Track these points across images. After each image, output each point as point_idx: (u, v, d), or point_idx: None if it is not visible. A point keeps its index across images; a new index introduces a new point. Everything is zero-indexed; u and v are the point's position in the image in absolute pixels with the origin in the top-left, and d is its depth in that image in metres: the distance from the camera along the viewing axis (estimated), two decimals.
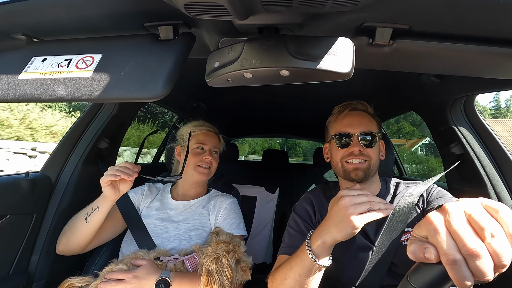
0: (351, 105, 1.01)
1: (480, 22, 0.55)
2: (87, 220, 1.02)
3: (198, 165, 1.23)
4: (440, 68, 0.79)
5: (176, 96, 1.73)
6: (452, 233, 0.37)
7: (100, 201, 1.02)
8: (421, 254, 0.39)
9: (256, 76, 0.55)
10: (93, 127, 1.35)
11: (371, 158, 0.95)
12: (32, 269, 1.16)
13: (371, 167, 0.95)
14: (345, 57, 0.51)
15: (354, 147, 0.94)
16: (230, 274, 0.92)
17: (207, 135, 1.29)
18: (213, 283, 0.90)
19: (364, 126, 0.96)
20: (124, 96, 0.56)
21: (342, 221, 0.67)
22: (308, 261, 0.72)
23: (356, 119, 0.98)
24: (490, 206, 0.38)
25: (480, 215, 0.37)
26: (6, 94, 0.60)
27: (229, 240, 1.00)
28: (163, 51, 0.61)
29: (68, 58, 0.62)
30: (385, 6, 0.53)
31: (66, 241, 1.07)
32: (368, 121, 0.98)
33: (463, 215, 0.38)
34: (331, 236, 0.70)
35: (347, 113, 1.00)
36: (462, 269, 0.35)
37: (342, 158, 0.97)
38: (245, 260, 1.00)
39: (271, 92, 1.73)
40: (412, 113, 1.63)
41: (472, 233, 0.36)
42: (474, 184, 1.17)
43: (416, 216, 0.91)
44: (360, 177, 0.94)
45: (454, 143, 1.26)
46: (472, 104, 1.21)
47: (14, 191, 1.09)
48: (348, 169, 0.95)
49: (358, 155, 0.94)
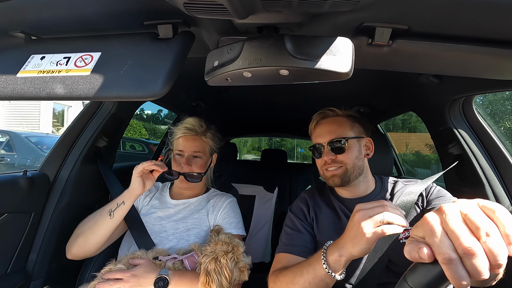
0: (321, 114, 1.04)
1: (479, 22, 0.55)
2: (111, 215, 1.03)
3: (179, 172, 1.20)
4: (439, 68, 0.80)
5: (175, 95, 1.73)
6: (448, 233, 0.38)
7: (126, 195, 1.05)
8: (416, 254, 0.39)
9: (256, 75, 0.55)
10: (91, 125, 1.34)
11: (345, 163, 0.95)
12: (30, 268, 1.16)
13: (348, 171, 0.95)
14: (344, 57, 0.51)
15: (325, 156, 0.97)
16: (229, 274, 0.92)
17: (186, 140, 1.22)
18: (212, 283, 0.90)
19: (331, 134, 0.97)
20: (123, 94, 0.56)
21: (356, 235, 0.66)
22: (322, 272, 0.71)
23: (325, 128, 1.00)
24: (486, 207, 0.38)
25: (476, 215, 0.37)
26: (4, 92, 0.60)
27: (229, 240, 1.00)
28: (162, 50, 0.61)
29: (67, 56, 0.62)
30: (385, 6, 0.53)
31: (83, 242, 1.05)
32: (337, 127, 0.98)
33: (459, 215, 0.38)
34: (348, 250, 0.68)
35: (318, 123, 1.04)
36: (458, 268, 0.36)
37: (321, 167, 1.00)
38: (244, 261, 1.00)
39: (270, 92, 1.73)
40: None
41: (467, 232, 0.36)
42: (472, 184, 1.17)
43: (416, 216, 0.91)
44: (336, 183, 0.96)
45: (452, 143, 1.26)
46: (471, 104, 1.21)
47: (12, 189, 1.09)
48: (327, 177, 0.99)
49: (331, 163, 0.96)
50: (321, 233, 0.98)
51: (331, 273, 0.70)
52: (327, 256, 0.72)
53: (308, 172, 2.88)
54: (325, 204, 1.04)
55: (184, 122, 1.26)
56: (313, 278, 0.73)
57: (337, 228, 0.96)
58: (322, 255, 0.73)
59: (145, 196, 1.27)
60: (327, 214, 1.01)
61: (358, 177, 0.98)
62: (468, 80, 1.03)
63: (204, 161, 1.24)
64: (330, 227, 0.98)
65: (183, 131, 1.23)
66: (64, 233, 1.25)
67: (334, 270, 0.70)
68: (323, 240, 0.96)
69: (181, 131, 1.23)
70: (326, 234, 0.97)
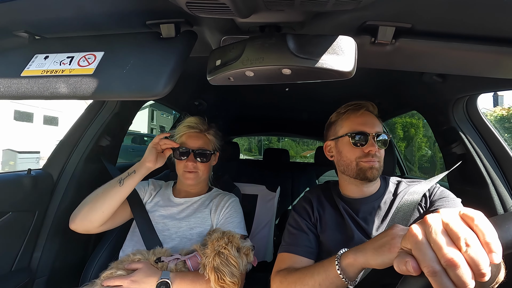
0: (360, 105, 1.00)
1: (483, 21, 0.55)
2: (121, 183, 1.05)
3: (184, 171, 1.20)
4: (443, 67, 0.79)
5: (178, 94, 1.73)
6: (432, 244, 0.38)
7: (137, 166, 1.08)
8: (404, 267, 0.40)
9: (258, 74, 0.55)
10: (95, 124, 1.35)
11: (381, 159, 0.95)
12: (34, 266, 1.17)
13: (381, 168, 0.95)
14: (347, 56, 0.51)
15: (371, 147, 0.93)
16: (236, 262, 0.93)
17: (190, 137, 1.21)
18: (224, 276, 0.89)
19: (377, 127, 0.96)
20: (125, 93, 0.56)
21: (384, 245, 0.63)
22: (334, 274, 0.70)
23: (369, 119, 0.98)
24: (466, 215, 0.38)
25: (456, 224, 0.38)
26: (8, 91, 0.60)
27: (222, 234, 1.01)
28: (165, 49, 0.61)
29: (70, 56, 0.62)
30: (388, 4, 0.53)
31: (89, 209, 1.05)
32: (379, 123, 0.99)
33: (442, 226, 0.39)
34: (365, 257, 0.66)
35: (363, 112, 0.99)
36: (443, 280, 0.36)
37: (358, 158, 0.95)
38: (245, 245, 1.01)
39: (272, 91, 1.73)
40: None
41: (449, 243, 0.37)
42: (476, 184, 1.17)
43: (419, 216, 0.91)
44: (375, 176, 0.93)
45: (456, 142, 1.25)
46: (475, 103, 1.20)
47: (16, 188, 1.10)
48: (364, 168, 0.93)
49: (373, 156, 0.93)
50: (324, 233, 0.97)
51: (342, 275, 0.68)
52: (341, 258, 0.71)
53: (310, 172, 2.87)
54: (329, 204, 1.03)
55: (186, 121, 1.25)
56: (324, 280, 0.72)
57: (340, 228, 0.96)
58: (336, 257, 0.72)
59: (149, 194, 1.27)
60: (331, 214, 1.01)
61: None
62: (472, 79, 1.02)
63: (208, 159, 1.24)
64: (334, 227, 0.97)
65: (186, 129, 1.22)
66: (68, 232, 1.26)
67: (346, 274, 0.69)
68: (326, 240, 0.96)
69: (184, 129, 1.23)
70: (329, 234, 0.96)
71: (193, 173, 1.19)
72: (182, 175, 1.21)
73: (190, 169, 1.18)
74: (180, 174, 1.22)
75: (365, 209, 0.97)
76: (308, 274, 0.76)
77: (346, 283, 0.69)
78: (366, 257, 0.66)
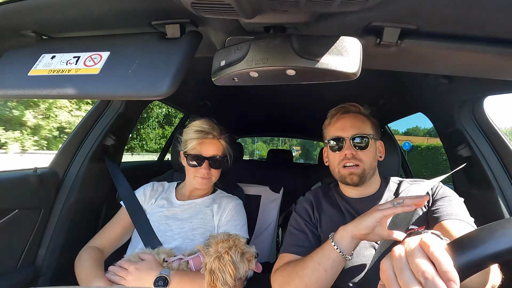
0: (343, 108, 1.02)
1: (490, 22, 0.54)
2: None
3: (196, 176, 1.19)
4: (449, 69, 0.78)
5: (182, 94, 1.74)
6: (398, 280, 0.41)
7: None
8: None
9: (262, 75, 0.55)
10: (100, 124, 1.36)
11: (364, 161, 0.95)
12: (39, 263, 1.18)
13: (366, 171, 0.95)
14: (352, 57, 0.51)
15: (346, 150, 0.95)
16: (233, 271, 0.93)
17: (204, 144, 1.18)
18: (216, 281, 0.91)
19: (355, 129, 0.96)
20: (131, 93, 0.57)
21: (365, 214, 0.75)
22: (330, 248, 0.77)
23: (348, 122, 0.98)
24: (424, 243, 0.41)
25: (416, 257, 0.40)
26: (16, 91, 0.61)
27: (227, 237, 1.01)
28: (170, 49, 0.61)
29: (77, 56, 0.63)
30: (394, 5, 0.52)
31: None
32: (361, 123, 0.98)
33: (405, 259, 0.42)
34: (352, 225, 0.76)
35: (339, 116, 1.01)
36: None
37: (339, 164, 0.98)
38: (249, 251, 1.01)
39: (277, 92, 1.73)
40: None
41: (411, 278, 0.39)
42: (482, 187, 1.15)
43: (421, 215, 0.90)
44: (355, 182, 0.95)
45: (462, 145, 1.24)
46: (481, 105, 1.19)
47: (22, 186, 1.11)
48: (344, 174, 0.96)
49: (351, 159, 0.94)
50: (325, 233, 0.97)
51: (337, 247, 0.76)
52: (334, 234, 0.79)
53: (313, 173, 2.86)
54: (330, 204, 1.03)
55: (197, 125, 1.20)
56: (321, 257, 0.78)
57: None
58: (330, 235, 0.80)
59: (151, 195, 1.27)
60: (332, 214, 1.00)
61: (371, 178, 0.98)
62: (479, 80, 1.01)
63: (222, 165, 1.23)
64: (335, 227, 0.97)
65: (199, 136, 1.17)
66: (72, 229, 1.28)
67: (341, 246, 0.76)
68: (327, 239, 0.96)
69: (197, 135, 1.18)
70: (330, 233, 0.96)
71: (206, 179, 1.19)
72: (193, 179, 1.20)
73: (204, 176, 1.18)
74: (191, 178, 1.22)
75: (366, 208, 0.96)
76: (307, 258, 0.82)
77: (341, 254, 0.76)
78: (353, 225, 0.76)
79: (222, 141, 1.23)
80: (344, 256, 0.76)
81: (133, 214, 1.19)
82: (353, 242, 0.76)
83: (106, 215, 1.50)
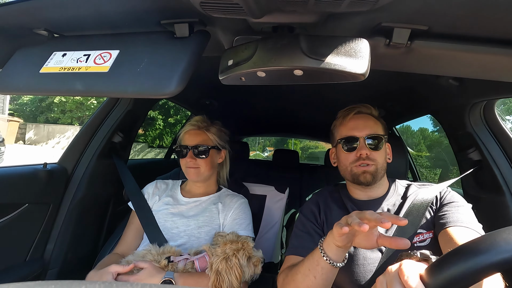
0: (355, 109, 1.01)
1: (502, 23, 0.53)
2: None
3: (186, 167, 1.23)
4: (460, 71, 0.77)
5: (189, 93, 1.75)
6: None
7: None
8: None
9: (270, 75, 0.55)
10: (108, 121, 1.38)
11: (377, 161, 0.94)
12: (47, 257, 1.21)
13: (378, 171, 0.94)
14: (360, 58, 0.51)
15: (361, 150, 0.94)
16: (240, 273, 0.92)
17: (189, 134, 1.24)
18: (222, 282, 0.90)
19: (369, 129, 0.95)
20: (139, 91, 0.57)
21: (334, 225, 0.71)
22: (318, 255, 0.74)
23: (362, 122, 0.97)
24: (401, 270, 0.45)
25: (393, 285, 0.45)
26: (28, 87, 0.63)
27: (236, 238, 1.00)
28: (178, 49, 0.62)
29: (87, 54, 0.64)
30: (404, 6, 0.52)
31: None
32: (374, 124, 0.97)
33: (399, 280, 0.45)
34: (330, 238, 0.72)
35: (353, 116, 0.99)
36: None
37: (351, 163, 0.96)
38: (256, 255, 1.00)
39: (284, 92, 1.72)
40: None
41: None
42: (492, 192, 1.13)
43: (428, 219, 0.89)
44: (368, 181, 0.93)
45: (471, 148, 1.22)
46: (493, 108, 1.16)
47: (32, 181, 1.13)
48: (357, 173, 0.95)
49: (365, 159, 0.93)
50: None
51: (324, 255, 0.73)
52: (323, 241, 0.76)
53: (319, 174, 2.85)
54: (336, 205, 1.02)
55: (191, 120, 1.30)
56: (311, 263, 0.76)
57: None
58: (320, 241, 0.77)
59: (155, 193, 1.29)
60: (338, 216, 0.99)
61: (381, 179, 0.97)
62: (490, 83, 0.99)
63: (210, 155, 1.25)
64: None
65: (186, 128, 1.27)
66: (80, 225, 1.30)
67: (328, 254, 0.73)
68: None
69: (186, 126, 1.27)
70: None
71: (194, 169, 1.22)
72: (185, 171, 1.24)
73: (190, 165, 1.21)
74: (184, 171, 1.25)
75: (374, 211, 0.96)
76: (300, 263, 0.81)
77: (327, 262, 0.72)
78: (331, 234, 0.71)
79: (208, 133, 1.26)
80: (332, 264, 0.72)
81: (139, 212, 1.20)
82: (340, 250, 0.72)
83: (113, 211, 1.52)
